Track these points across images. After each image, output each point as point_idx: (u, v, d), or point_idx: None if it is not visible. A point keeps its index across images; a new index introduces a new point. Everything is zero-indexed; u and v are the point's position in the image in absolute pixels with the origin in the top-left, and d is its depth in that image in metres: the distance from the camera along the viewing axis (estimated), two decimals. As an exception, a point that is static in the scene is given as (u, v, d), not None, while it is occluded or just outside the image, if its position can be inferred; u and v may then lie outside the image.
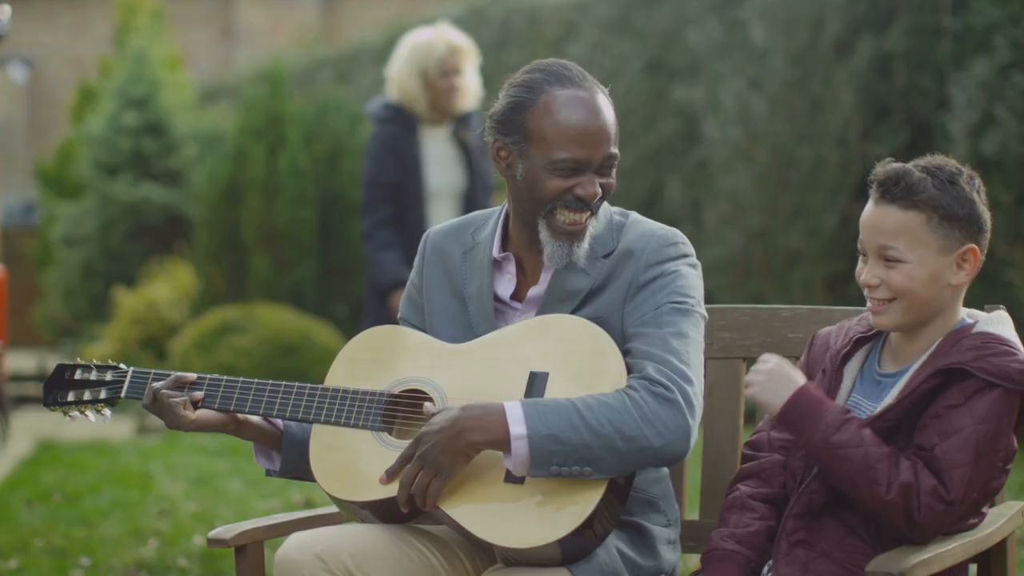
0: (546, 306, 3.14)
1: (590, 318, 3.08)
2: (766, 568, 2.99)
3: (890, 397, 2.95)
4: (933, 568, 2.75)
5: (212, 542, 3.17)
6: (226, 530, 3.18)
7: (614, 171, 3.13)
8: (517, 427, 2.91)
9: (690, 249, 3.15)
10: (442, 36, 6.90)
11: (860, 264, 3.03)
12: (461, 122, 6.99)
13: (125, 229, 14.58)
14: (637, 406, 2.93)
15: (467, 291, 3.22)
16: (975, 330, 2.95)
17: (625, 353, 3.04)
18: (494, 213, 3.27)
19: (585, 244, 3.12)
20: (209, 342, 10.51)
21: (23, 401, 12.80)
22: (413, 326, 3.30)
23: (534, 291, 3.18)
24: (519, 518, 2.95)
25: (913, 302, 2.96)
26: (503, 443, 2.92)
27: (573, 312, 3.11)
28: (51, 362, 12.60)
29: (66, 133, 18.09)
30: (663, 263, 3.09)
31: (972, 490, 2.85)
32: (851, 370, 3.06)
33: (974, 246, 2.96)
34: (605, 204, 3.19)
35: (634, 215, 3.21)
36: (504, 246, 3.22)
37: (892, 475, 2.83)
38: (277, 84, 12.29)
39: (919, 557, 2.71)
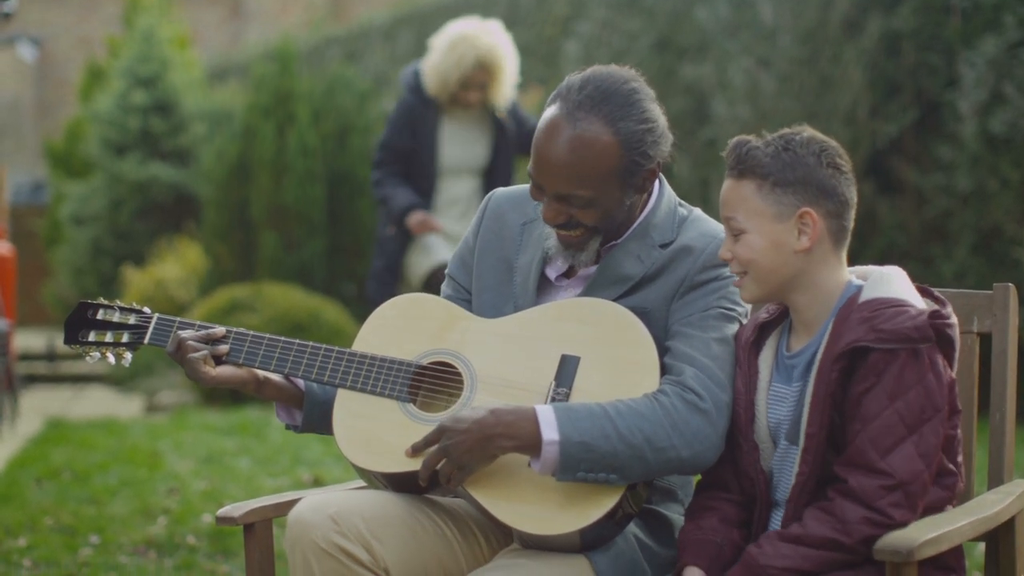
0: (594, 286, 3.11)
1: (634, 307, 3.05)
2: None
3: (806, 408, 2.87)
4: (942, 546, 2.74)
5: (221, 520, 3.17)
6: (235, 508, 3.19)
7: (586, 211, 3.03)
8: (550, 432, 2.89)
9: None
10: (476, 47, 6.81)
11: None
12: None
13: (134, 208, 14.58)
14: (668, 415, 2.91)
15: (517, 261, 3.20)
16: (862, 298, 2.88)
17: (665, 350, 3.02)
18: None
19: (584, 255, 3.10)
20: (218, 320, 10.50)
21: (32, 380, 12.83)
22: (459, 284, 3.29)
23: (585, 270, 3.15)
24: (543, 504, 2.93)
25: (760, 272, 2.91)
26: (534, 448, 2.90)
27: (619, 298, 3.08)
28: (60, 341, 12.60)
29: (75, 112, 18.09)
30: (721, 267, 3.06)
31: (926, 461, 2.79)
32: (766, 359, 3.00)
33: (809, 209, 2.89)
34: (670, 193, 3.15)
35: (697, 211, 3.17)
36: None
37: (841, 526, 2.78)
38: (286, 62, 12.26)
39: (927, 535, 2.71)
